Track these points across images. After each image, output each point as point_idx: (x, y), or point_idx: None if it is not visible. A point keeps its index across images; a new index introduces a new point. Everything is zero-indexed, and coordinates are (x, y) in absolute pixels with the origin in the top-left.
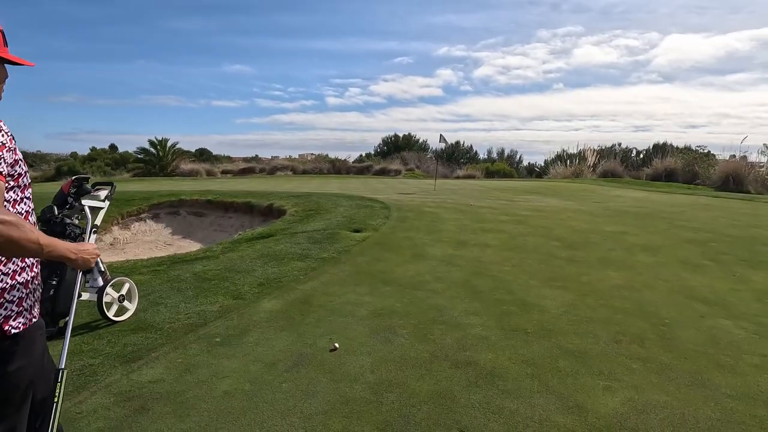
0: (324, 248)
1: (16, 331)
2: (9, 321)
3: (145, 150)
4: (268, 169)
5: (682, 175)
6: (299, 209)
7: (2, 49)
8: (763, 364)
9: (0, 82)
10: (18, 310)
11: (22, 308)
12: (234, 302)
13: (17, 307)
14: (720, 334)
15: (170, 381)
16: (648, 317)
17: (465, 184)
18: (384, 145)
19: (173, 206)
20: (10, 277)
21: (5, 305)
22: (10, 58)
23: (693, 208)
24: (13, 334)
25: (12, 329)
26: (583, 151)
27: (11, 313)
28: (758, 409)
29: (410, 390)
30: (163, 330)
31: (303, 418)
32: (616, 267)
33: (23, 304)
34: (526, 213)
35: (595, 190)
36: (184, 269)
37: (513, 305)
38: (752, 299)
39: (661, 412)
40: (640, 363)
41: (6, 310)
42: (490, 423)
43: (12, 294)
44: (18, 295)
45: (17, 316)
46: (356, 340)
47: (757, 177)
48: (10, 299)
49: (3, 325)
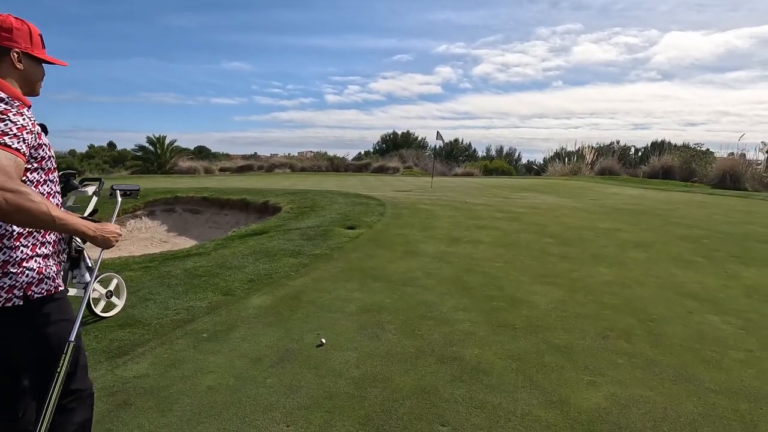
0: (317, 245)
1: (39, 296)
2: (32, 287)
3: (144, 147)
4: (266, 167)
5: (680, 172)
6: (294, 206)
7: (41, 51)
8: (748, 359)
9: (38, 80)
10: (39, 277)
11: (44, 275)
12: (223, 298)
13: (37, 275)
14: (707, 330)
15: (155, 376)
16: (636, 313)
17: (462, 182)
18: (383, 143)
19: (169, 203)
20: (30, 248)
21: (26, 272)
22: (47, 59)
23: (688, 205)
24: (37, 298)
25: (35, 294)
26: (582, 149)
27: (33, 280)
28: (740, 403)
29: (394, 385)
30: (150, 326)
31: (285, 413)
32: (607, 263)
33: (45, 272)
34: (521, 210)
35: (591, 187)
36: (175, 266)
37: (502, 301)
38: (741, 295)
39: (644, 407)
40: (626, 358)
41: (28, 277)
42: (471, 417)
43: (32, 263)
44: (38, 265)
45: (39, 282)
46: (343, 336)
47: (754, 174)
48: (31, 267)
49: (26, 290)
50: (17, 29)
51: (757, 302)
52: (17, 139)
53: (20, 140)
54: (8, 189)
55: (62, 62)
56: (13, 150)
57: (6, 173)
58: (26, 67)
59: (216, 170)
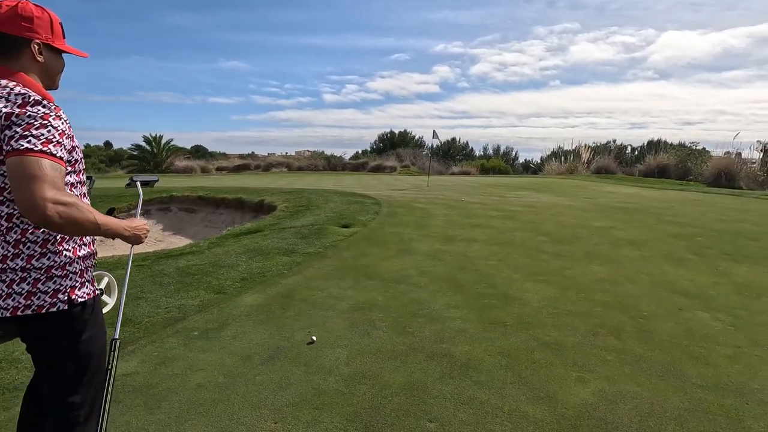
0: (311, 243)
1: (82, 299)
2: (75, 290)
3: (140, 147)
4: (263, 166)
5: (675, 171)
6: (290, 205)
7: (61, 41)
8: (735, 355)
9: (58, 73)
10: (81, 281)
11: (84, 279)
12: (215, 296)
13: (80, 278)
14: (696, 326)
15: (144, 374)
16: (627, 310)
17: (459, 181)
18: (380, 142)
19: (164, 202)
20: (71, 251)
21: (70, 276)
22: (69, 50)
23: (682, 203)
24: (80, 302)
25: (79, 298)
26: (578, 148)
27: (76, 283)
28: (726, 398)
29: (383, 382)
30: (141, 324)
31: (273, 410)
32: (600, 261)
33: (85, 275)
34: (517, 209)
35: (587, 186)
36: (168, 264)
37: (495, 299)
38: (732, 292)
39: (631, 402)
40: (615, 355)
41: (72, 281)
42: (459, 413)
43: (74, 266)
44: (79, 267)
45: (81, 286)
46: (334, 333)
47: (749, 173)
48: (73, 270)
49: (70, 294)
50: (38, 18)
51: (746, 299)
52: (60, 147)
53: (62, 147)
54: (60, 202)
55: (83, 53)
56: (57, 159)
57: (55, 186)
58: (47, 59)
59: (213, 169)
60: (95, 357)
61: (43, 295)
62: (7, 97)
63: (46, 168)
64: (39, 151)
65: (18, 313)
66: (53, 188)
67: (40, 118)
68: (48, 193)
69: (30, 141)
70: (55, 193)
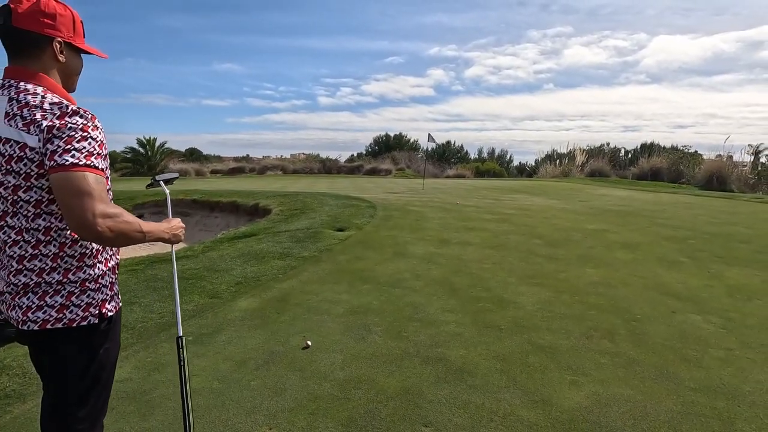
0: (306, 247)
1: (111, 313)
2: (105, 304)
3: (134, 149)
4: (258, 169)
5: (668, 174)
6: (285, 208)
7: (82, 41)
8: (728, 358)
9: (77, 73)
10: (111, 294)
11: (113, 292)
12: (210, 301)
13: (110, 291)
14: (689, 329)
15: (137, 380)
16: (620, 313)
17: (454, 184)
18: (375, 145)
19: (158, 206)
20: (104, 263)
21: (102, 289)
22: (89, 49)
23: (675, 206)
24: (109, 316)
25: (108, 312)
26: (573, 151)
27: (107, 297)
28: (718, 401)
29: (378, 386)
30: (134, 329)
31: (268, 416)
32: (594, 264)
33: (114, 288)
34: (511, 212)
35: (581, 189)
36: (161, 268)
37: (489, 302)
38: (723, 295)
39: (624, 406)
40: (609, 358)
41: (103, 294)
42: (454, 417)
43: (105, 279)
44: (110, 279)
45: (110, 299)
46: (329, 338)
47: (740, 176)
48: (105, 284)
49: (101, 308)
50: (61, 15)
51: (738, 301)
52: (101, 159)
53: (102, 158)
54: (108, 215)
55: (103, 54)
56: (100, 171)
57: (102, 200)
58: (68, 58)
59: (207, 172)
60: (107, 370)
61: (76, 309)
62: (42, 106)
63: (93, 183)
64: (84, 165)
65: (47, 326)
66: (102, 203)
67: (80, 130)
68: (98, 208)
69: (74, 155)
70: (104, 208)
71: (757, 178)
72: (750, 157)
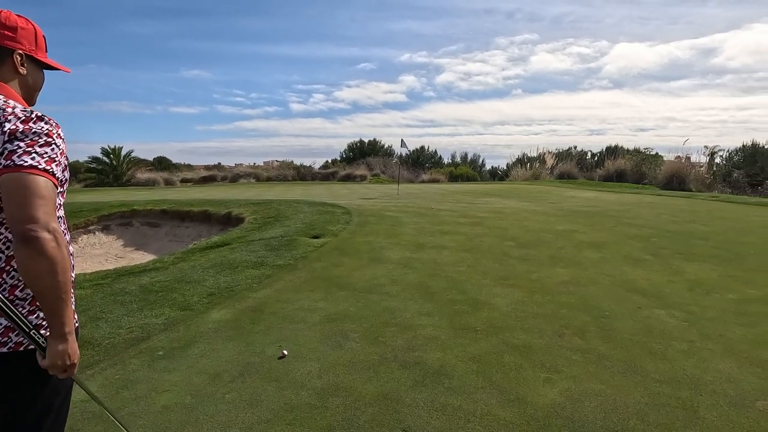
0: (280, 255)
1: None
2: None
3: (98, 159)
4: (230, 177)
5: (631, 175)
6: (258, 216)
7: (44, 54)
8: (690, 350)
9: (38, 88)
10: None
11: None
12: (181, 314)
13: None
14: (654, 323)
15: (105, 399)
16: (590, 311)
17: (428, 188)
18: (350, 151)
19: (125, 217)
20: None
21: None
22: (52, 64)
23: (639, 206)
24: None
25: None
26: (542, 155)
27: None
28: (682, 391)
29: (356, 393)
30: (101, 346)
31: (244, 429)
32: (564, 264)
33: None
34: (485, 215)
35: (551, 191)
36: (130, 282)
37: (465, 305)
38: (684, 289)
39: (595, 400)
40: (580, 354)
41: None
42: (433, 420)
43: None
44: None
45: None
46: (306, 346)
47: (697, 176)
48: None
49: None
50: (22, 28)
51: (698, 295)
52: (60, 167)
53: (60, 168)
54: (57, 230)
55: (66, 68)
56: (56, 180)
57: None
58: (29, 72)
59: (177, 181)
60: (61, 395)
61: None
62: (5, 110)
63: (50, 190)
64: (42, 170)
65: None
66: (52, 212)
67: (45, 135)
68: (50, 215)
69: (34, 158)
70: (53, 219)
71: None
72: (706, 158)
